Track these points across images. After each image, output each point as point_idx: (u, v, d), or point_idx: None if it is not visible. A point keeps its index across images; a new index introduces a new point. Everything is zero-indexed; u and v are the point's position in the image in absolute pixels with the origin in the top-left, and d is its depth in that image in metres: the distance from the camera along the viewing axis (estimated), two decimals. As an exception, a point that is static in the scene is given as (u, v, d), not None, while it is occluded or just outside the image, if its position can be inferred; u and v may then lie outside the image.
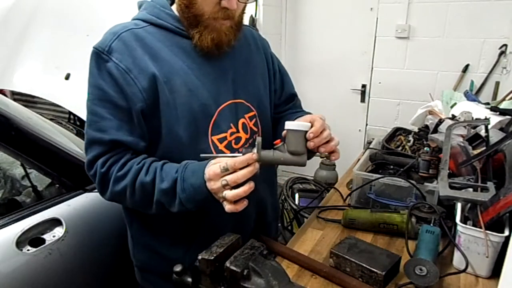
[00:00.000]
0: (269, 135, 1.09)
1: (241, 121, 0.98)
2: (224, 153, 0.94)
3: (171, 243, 1.00)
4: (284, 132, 0.87)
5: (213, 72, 0.93)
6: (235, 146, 0.97)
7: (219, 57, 0.94)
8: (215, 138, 0.93)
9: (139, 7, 0.98)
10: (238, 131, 0.98)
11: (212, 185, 0.78)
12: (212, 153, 0.91)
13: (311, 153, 0.89)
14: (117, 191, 0.87)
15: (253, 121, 1.02)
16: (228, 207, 0.79)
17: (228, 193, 0.77)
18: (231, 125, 0.96)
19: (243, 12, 0.94)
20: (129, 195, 0.86)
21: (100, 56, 0.86)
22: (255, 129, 1.03)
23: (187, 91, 0.88)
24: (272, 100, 1.14)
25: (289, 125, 0.85)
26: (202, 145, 0.91)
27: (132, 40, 0.86)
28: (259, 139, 0.81)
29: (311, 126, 0.86)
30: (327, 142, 0.89)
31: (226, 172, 0.77)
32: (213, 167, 0.79)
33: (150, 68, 0.85)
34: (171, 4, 0.95)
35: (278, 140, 0.87)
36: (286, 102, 1.21)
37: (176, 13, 0.92)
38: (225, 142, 0.95)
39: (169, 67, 0.88)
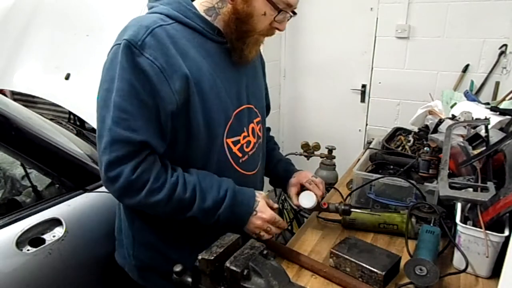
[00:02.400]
0: (265, 142, 1.17)
1: (251, 125, 1.02)
2: (237, 155, 0.99)
3: (175, 243, 1.00)
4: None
5: (232, 77, 0.95)
6: (246, 150, 1.01)
7: (237, 63, 0.96)
8: (229, 140, 0.95)
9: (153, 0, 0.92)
10: (248, 135, 1.01)
11: (259, 223, 0.95)
12: (225, 154, 0.96)
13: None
14: (150, 203, 0.86)
15: (259, 126, 1.07)
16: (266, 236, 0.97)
17: (273, 229, 0.97)
18: (244, 128, 0.99)
19: None
20: (161, 208, 0.88)
21: (131, 50, 0.78)
22: (260, 134, 1.08)
23: (214, 94, 0.89)
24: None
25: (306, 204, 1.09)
26: (217, 146, 0.93)
27: (166, 37, 0.82)
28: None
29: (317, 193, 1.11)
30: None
31: (274, 224, 0.97)
32: (271, 214, 0.96)
33: (183, 69, 0.82)
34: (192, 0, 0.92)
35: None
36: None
37: (202, 13, 0.90)
38: (238, 146, 0.98)
39: (198, 68, 0.86)
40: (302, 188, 1.13)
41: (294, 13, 0.93)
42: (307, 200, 1.08)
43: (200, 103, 0.86)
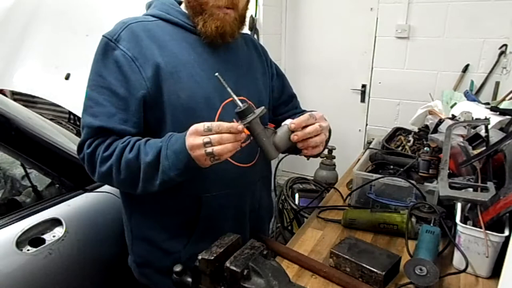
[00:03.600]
0: None
1: None
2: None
3: (170, 236, 1.01)
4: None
5: (219, 67, 0.95)
6: None
7: (224, 53, 0.98)
8: None
9: (148, 7, 1.02)
10: None
11: (192, 141, 0.77)
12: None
13: (297, 149, 0.92)
14: (104, 172, 0.88)
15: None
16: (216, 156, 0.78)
17: (216, 148, 0.76)
18: (234, 120, 0.96)
19: (246, 5, 0.98)
20: (115, 175, 0.87)
21: (108, 44, 0.88)
22: None
23: (193, 83, 0.92)
24: (271, 102, 1.17)
25: (286, 121, 0.90)
26: None
27: (141, 31, 0.90)
28: (264, 109, 0.84)
29: None
30: (312, 137, 0.89)
31: (209, 132, 0.77)
32: (196, 125, 0.79)
33: (156, 58, 0.88)
34: (179, 4, 1.00)
35: (272, 125, 0.89)
36: (285, 103, 1.24)
37: (184, 10, 0.96)
38: None
39: (176, 58, 0.91)
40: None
41: None
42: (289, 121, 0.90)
43: (178, 91, 0.90)
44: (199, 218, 0.99)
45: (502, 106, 1.82)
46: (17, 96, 3.59)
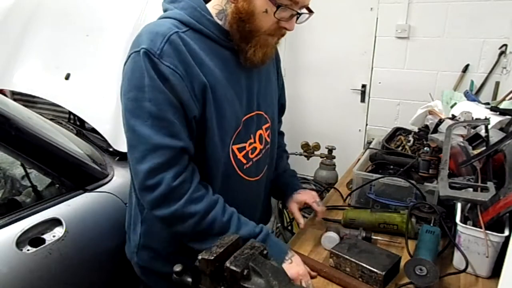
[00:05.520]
0: (275, 147, 1.13)
1: (258, 132, 1.01)
2: (241, 161, 0.97)
3: (178, 250, 0.98)
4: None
5: (244, 83, 0.94)
6: (251, 156, 0.99)
7: (251, 69, 0.94)
8: (235, 147, 0.94)
9: (168, 3, 0.91)
10: (255, 142, 1.00)
11: (293, 272, 0.89)
12: (230, 159, 0.94)
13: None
14: (187, 213, 0.83)
15: (268, 132, 1.05)
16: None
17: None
18: (251, 135, 0.98)
19: None
20: (194, 222, 0.84)
21: (151, 58, 0.78)
22: (268, 140, 1.06)
23: (226, 102, 0.88)
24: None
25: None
26: (221, 152, 0.91)
27: (182, 45, 0.81)
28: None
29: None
30: None
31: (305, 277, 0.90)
32: (303, 267, 0.92)
33: (201, 77, 0.82)
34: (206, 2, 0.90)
35: None
36: (278, 112, 1.21)
37: (216, 19, 0.88)
38: (244, 152, 0.97)
39: (213, 76, 0.85)
40: (305, 207, 1.17)
41: (310, 11, 0.90)
42: (329, 242, 1.07)
43: (215, 111, 0.86)
44: None
45: (502, 106, 1.82)
46: (17, 96, 3.58)
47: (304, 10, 0.88)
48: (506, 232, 0.89)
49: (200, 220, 0.84)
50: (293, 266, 0.90)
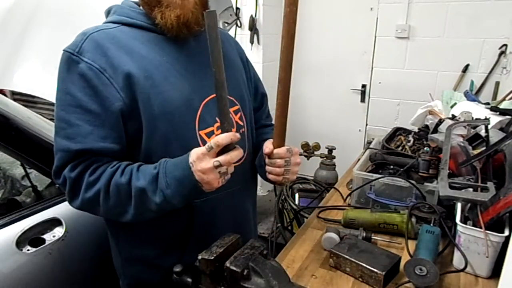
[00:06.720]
0: (253, 132, 1.08)
1: None
2: None
3: (163, 251, 0.96)
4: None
5: (192, 66, 0.91)
6: None
7: (196, 48, 0.91)
8: (202, 132, 0.90)
9: (107, 14, 0.94)
10: None
11: (204, 165, 0.76)
12: (200, 146, 0.86)
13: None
14: (89, 197, 0.82)
15: (238, 115, 0.99)
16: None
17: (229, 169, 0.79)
18: (216, 118, 0.92)
19: None
20: (102, 200, 0.82)
21: (70, 58, 0.81)
22: (241, 123, 1.00)
23: (169, 85, 0.86)
24: (251, 98, 1.11)
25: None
26: (190, 141, 0.88)
27: (104, 39, 0.83)
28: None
29: None
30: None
31: (212, 150, 0.76)
32: (196, 150, 0.78)
33: (125, 66, 0.82)
34: (139, 5, 0.92)
35: None
36: (260, 102, 1.18)
37: (142, 8, 0.89)
38: (213, 136, 0.87)
39: (148, 62, 0.84)
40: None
41: None
42: (329, 242, 1.06)
43: (154, 96, 0.84)
44: (193, 227, 0.94)
45: (502, 106, 1.82)
46: (17, 96, 3.59)
47: None
48: (506, 232, 0.89)
49: (106, 194, 0.82)
50: (198, 175, 0.78)
